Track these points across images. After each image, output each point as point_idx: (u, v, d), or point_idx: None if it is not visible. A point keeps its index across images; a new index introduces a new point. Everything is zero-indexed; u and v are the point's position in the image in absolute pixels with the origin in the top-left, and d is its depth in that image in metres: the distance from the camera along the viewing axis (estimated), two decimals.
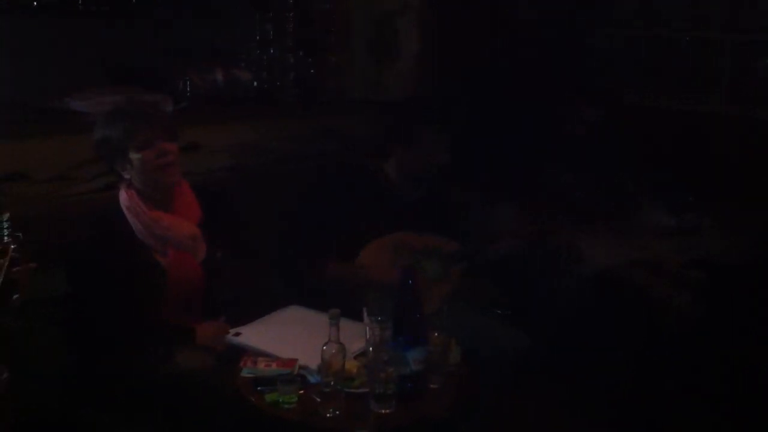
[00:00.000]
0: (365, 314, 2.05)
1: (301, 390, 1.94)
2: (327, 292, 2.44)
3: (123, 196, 2.29)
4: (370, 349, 1.95)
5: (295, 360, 2.04)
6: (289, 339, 2.19)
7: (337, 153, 3.50)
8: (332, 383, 1.87)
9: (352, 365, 2.01)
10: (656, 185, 3.53)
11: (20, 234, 1.70)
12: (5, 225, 1.70)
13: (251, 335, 2.22)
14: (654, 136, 4.01)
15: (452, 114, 3.40)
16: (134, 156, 2.23)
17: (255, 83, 3.33)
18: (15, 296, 1.65)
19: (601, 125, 3.50)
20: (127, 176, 2.28)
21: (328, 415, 1.87)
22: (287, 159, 3.36)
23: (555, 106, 3.66)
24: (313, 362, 1.99)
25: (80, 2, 3.15)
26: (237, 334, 2.21)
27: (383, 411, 1.89)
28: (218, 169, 3.09)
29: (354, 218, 2.58)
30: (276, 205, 3.06)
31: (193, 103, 3.25)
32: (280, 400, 1.90)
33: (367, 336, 2.01)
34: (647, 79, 4.15)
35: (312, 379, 1.98)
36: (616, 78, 4.25)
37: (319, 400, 1.90)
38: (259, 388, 1.95)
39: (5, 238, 1.67)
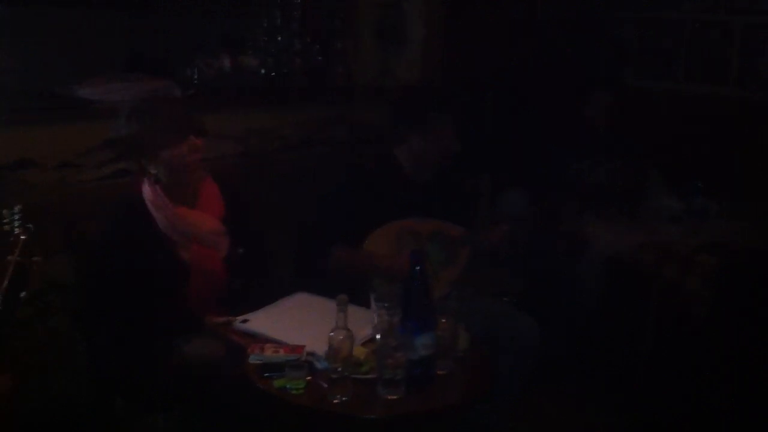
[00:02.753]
0: (372, 300, 2.05)
1: (308, 376, 1.94)
2: (334, 279, 2.45)
3: (147, 191, 2.26)
4: (378, 336, 1.95)
5: (303, 346, 2.04)
6: (296, 325, 2.20)
7: (347, 139, 3.50)
8: (340, 369, 1.88)
9: (360, 351, 2.01)
10: (665, 169, 3.51)
11: (31, 225, 1.70)
12: (17, 217, 1.70)
13: (258, 322, 2.22)
14: (662, 120, 4.00)
15: (463, 99, 3.39)
16: (165, 153, 2.20)
17: (263, 70, 3.31)
18: (23, 294, 1.65)
19: (610, 110, 3.48)
20: (153, 171, 2.24)
21: (336, 401, 1.88)
22: (296, 146, 3.35)
23: (565, 91, 3.64)
24: (321, 348, 1.99)
25: None
26: (244, 321, 2.22)
27: (392, 397, 1.90)
28: (227, 155, 3.09)
29: (365, 205, 2.58)
30: (285, 192, 3.07)
31: (201, 90, 3.24)
32: (288, 386, 1.91)
33: (375, 322, 2.02)
34: (655, 63, 4.13)
35: (320, 365, 1.99)
36: (625, 62, 4.23)
37: (326, 386, 1.91)
38: (266, 374, 1.96)
39: (16, 229, 1.67)
